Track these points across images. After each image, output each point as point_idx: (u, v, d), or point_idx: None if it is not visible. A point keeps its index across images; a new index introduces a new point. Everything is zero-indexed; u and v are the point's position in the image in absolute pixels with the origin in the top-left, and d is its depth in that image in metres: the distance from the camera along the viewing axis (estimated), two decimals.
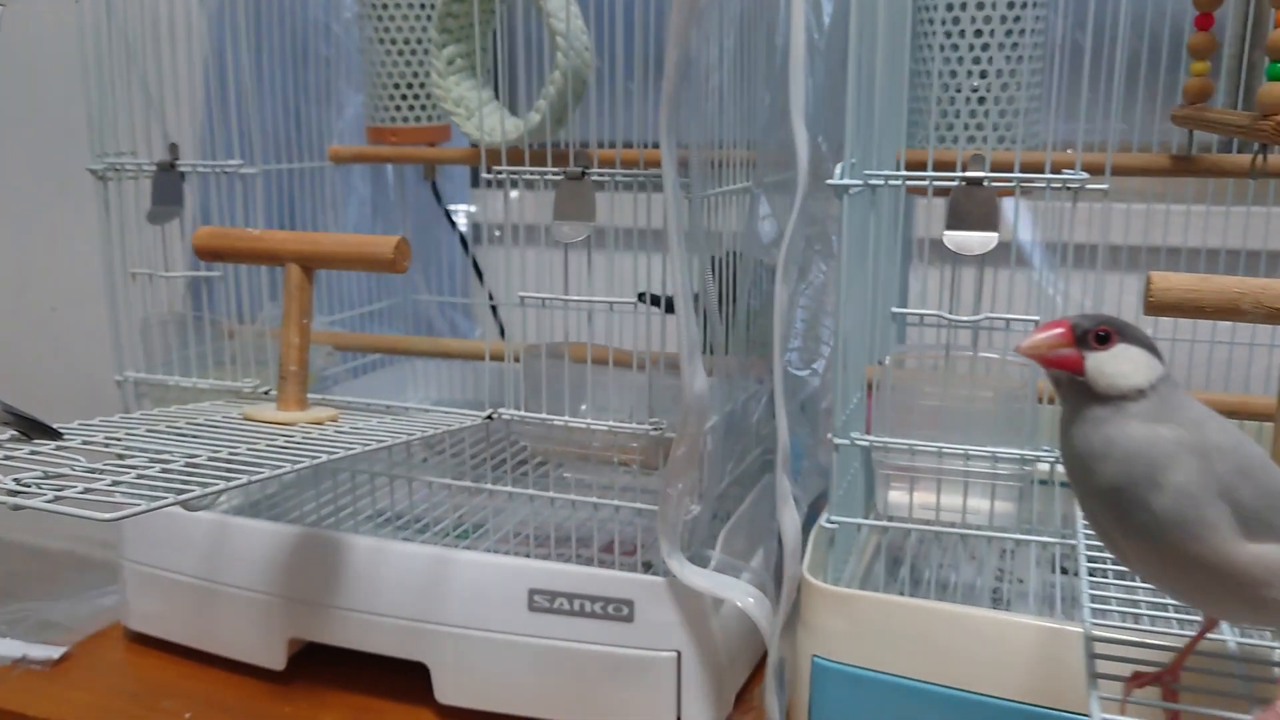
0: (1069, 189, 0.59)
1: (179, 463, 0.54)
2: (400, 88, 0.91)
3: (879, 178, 0.62)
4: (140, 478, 0.52)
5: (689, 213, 0.66)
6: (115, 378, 0.81)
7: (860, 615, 0.61)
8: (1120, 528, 0.41)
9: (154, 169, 0.79)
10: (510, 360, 0.72)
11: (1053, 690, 0.56)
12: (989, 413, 0.63)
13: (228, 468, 0.55)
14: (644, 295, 0.70)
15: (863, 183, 0.62)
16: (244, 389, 0.78)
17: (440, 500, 0.85)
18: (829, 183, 0.61)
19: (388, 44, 0.90)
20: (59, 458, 0.55)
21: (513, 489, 0.73)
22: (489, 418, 0.72)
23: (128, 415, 0.67)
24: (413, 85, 0.91)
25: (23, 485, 0.49)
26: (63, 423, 0.61)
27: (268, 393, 0.77)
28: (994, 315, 0.61)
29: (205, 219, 0.83)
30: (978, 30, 0.68)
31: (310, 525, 0.77)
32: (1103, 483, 0.41)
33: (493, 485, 0.74)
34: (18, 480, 0.49)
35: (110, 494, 0.49)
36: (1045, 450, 0.63)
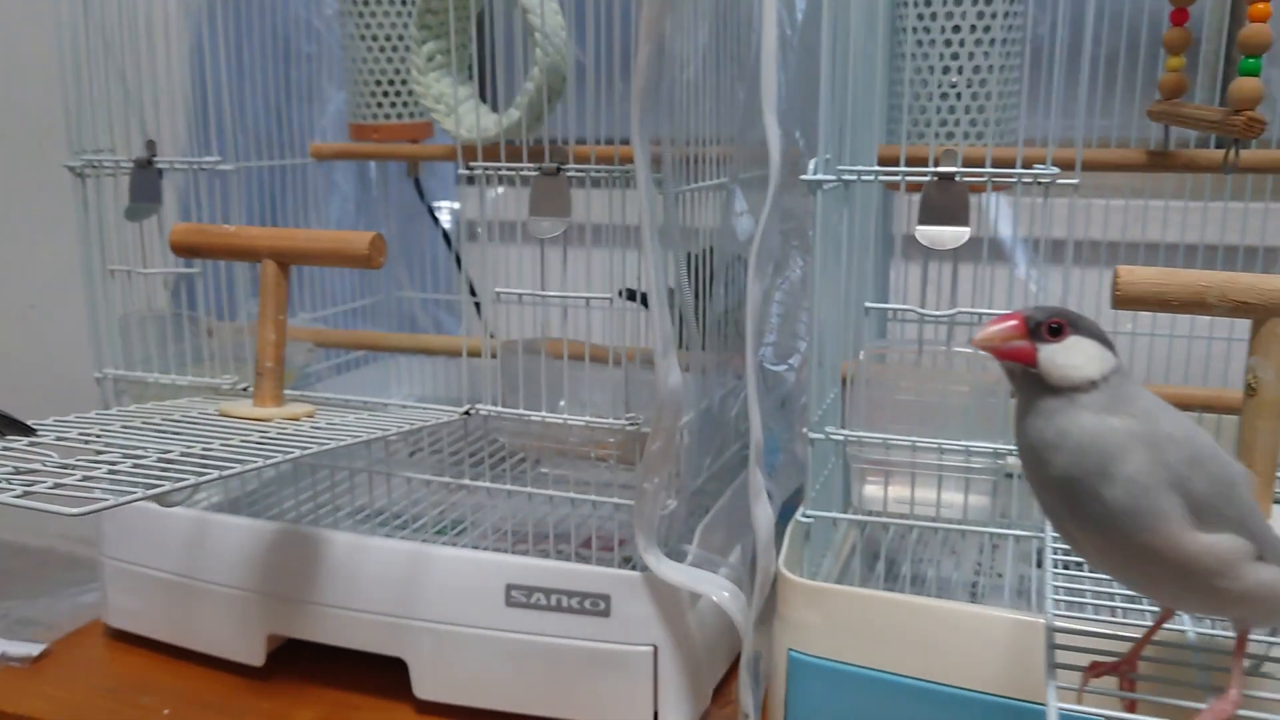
0: (1040, 184, 0.59)
1: (151, 458, 0.54)
2: (382, 84, 0.91)
3: (852, 173, 0.62)
4: (111, 473, 0.52)
5: (663, 208, 0.67)
6: (94, 375, 0.81)
7: (835, 609, 0.62)
8: (1074, 519, 0.41)
9: (131, 166, 0.79)
10: (487, 356, 0.72)
11: (1024, 682, 0.56)
12: (964, 407, 0.64)
13: (200, 463, 0.55)
14: (624, 291, 0.70)
15: (836, 178, 0.62)
16: (223, 386, 0.78)
17: (421, 497, 0.85)
18: (803, 178, 0.61)
19: (369, 40, 0.90)
20: (31, 454, 0.55)
21: (491, 485, 0.73)
22: (466, 413, 0.72)
23: (103, 412, 0.67)
24: (394, 82, 0.91)
25: None
26: (41, 421, 0.61)
27: (246, 389, 0.77)
28: (967, 310, 0.61)
29: (186, 216, 0.83)
30: (946, 25, 0.68)
31: (290, 522, 0.77)
32: (1055, 474, 0.41)
33: (471, 481, 0.74)
34: None
35: (80, 489, 0.49)
36: None
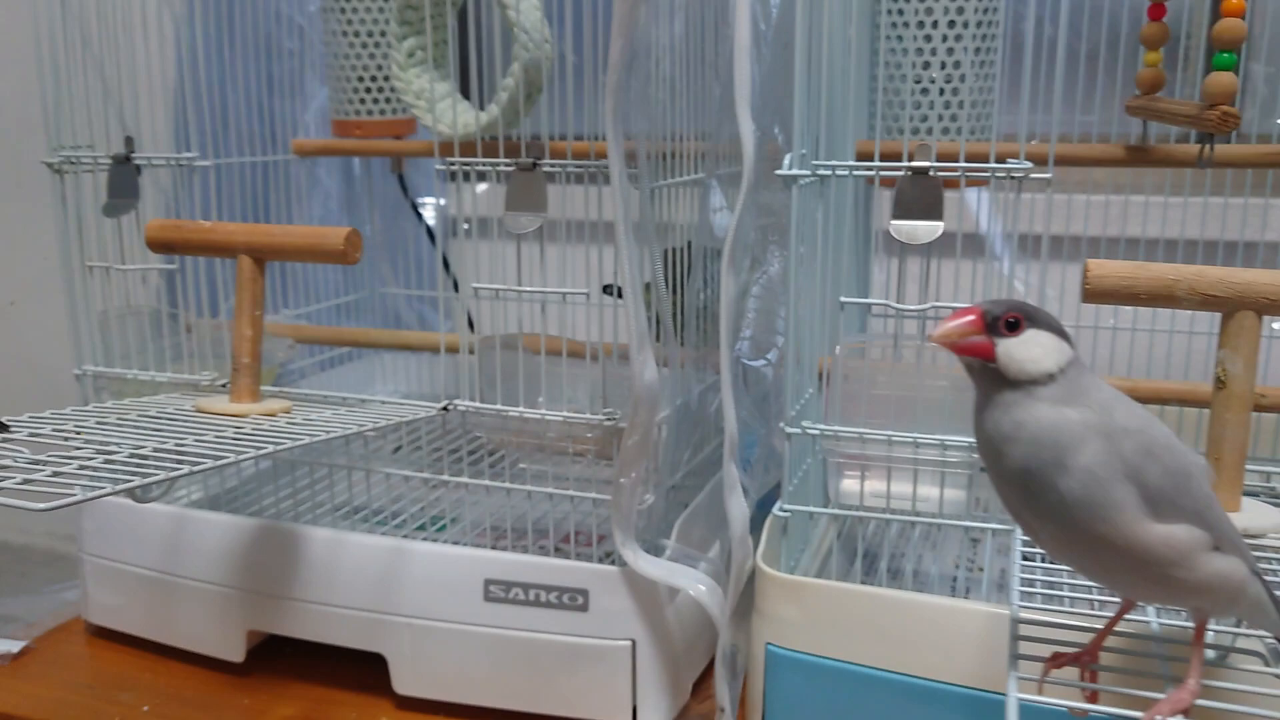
0: (1014, 178, 0.59)
1: (123, 453, 0.54)
2: (365, 81, 0.91)
3: (827, 168, 0.62)
4: (82, 468, 0.52)
5: (638, 204, 0.67)
6: (74, 371, 0.81)
7: (812, 603, 0.62)
8: (1031, 510, 0.41)
9: (109, 162, 0.79)
10: (465, 352, 0.72)
11: (998, 674, 0.56)
12: (941, 401, 0.64)
13: (172, 459, 0.55)
14: (608, 287, 0.70)
15: (811, 173, 0.62)
16: (201, 382, 0.78)
17: (402, 493, 0.85)
18: (778, 173, 0.61)
19: (351, 36, 0.90)
20: (3, 449, 0.54)
21: (470, 480, 0.73)
22: (444, 409, 0.72)
23: (79, 408, 0.66)
24: (376, 78, 0.91)
25: None
26: (16, 417, 0.61)
27: (225, 385, 0.77)
28: (941, 305, 0.61)
29: (170, 213, 0.83)
30: (920, 21, 0.68)
31: (270, 518, 0.77)
32: (1013, 465, 0.41)
33: (450, 477, 0.74)
34: None
35: (50, 484, 0.49)
36: None
